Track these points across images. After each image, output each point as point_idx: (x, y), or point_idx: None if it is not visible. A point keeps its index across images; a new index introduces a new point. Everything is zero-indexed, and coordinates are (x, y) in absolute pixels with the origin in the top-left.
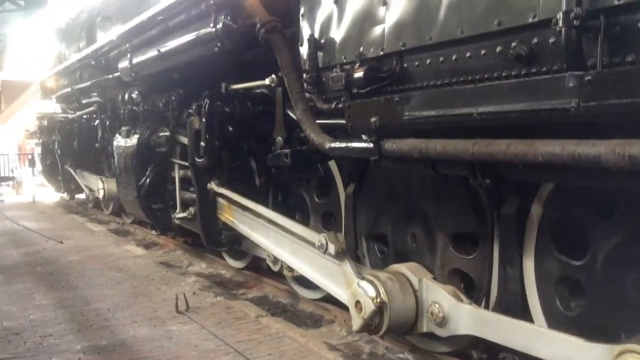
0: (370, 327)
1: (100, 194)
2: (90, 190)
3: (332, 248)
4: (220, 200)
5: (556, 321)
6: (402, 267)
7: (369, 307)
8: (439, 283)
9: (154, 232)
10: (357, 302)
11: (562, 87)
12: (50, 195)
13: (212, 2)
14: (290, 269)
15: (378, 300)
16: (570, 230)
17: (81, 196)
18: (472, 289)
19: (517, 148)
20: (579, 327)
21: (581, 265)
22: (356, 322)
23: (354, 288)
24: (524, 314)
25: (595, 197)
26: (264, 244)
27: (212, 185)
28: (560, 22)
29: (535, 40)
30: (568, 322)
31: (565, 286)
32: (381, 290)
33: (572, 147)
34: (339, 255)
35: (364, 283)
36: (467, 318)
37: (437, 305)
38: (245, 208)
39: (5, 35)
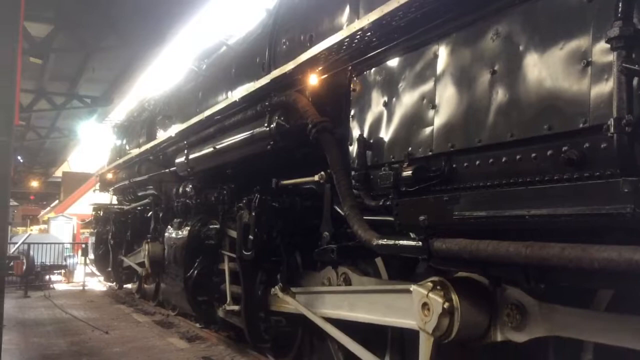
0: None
1: (145, 255)
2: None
3: None
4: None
5: None
6: (472, 274)
7: (437, 307)
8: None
9: (197, 324)
10: (424, 304)
11: (615, 192)
12: (99, 284)
13: (267, 103)
14: None
15: (448, 299)
16: None
17: (129, 286)
18: None
19: (571, 253)
20: None
21: None
22: (427, 326)
23: (421, 289)
24: None
25: None
26: (321, 313)
27: (277, 291)
28: (612, 128)
29: (587, 144)
30: None
31: None
32: (451, 289)
33: (629, 253)
34: None
35: (431, 283)
36: (550, 318)
37: (514, 307)
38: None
39: (69, 130)
